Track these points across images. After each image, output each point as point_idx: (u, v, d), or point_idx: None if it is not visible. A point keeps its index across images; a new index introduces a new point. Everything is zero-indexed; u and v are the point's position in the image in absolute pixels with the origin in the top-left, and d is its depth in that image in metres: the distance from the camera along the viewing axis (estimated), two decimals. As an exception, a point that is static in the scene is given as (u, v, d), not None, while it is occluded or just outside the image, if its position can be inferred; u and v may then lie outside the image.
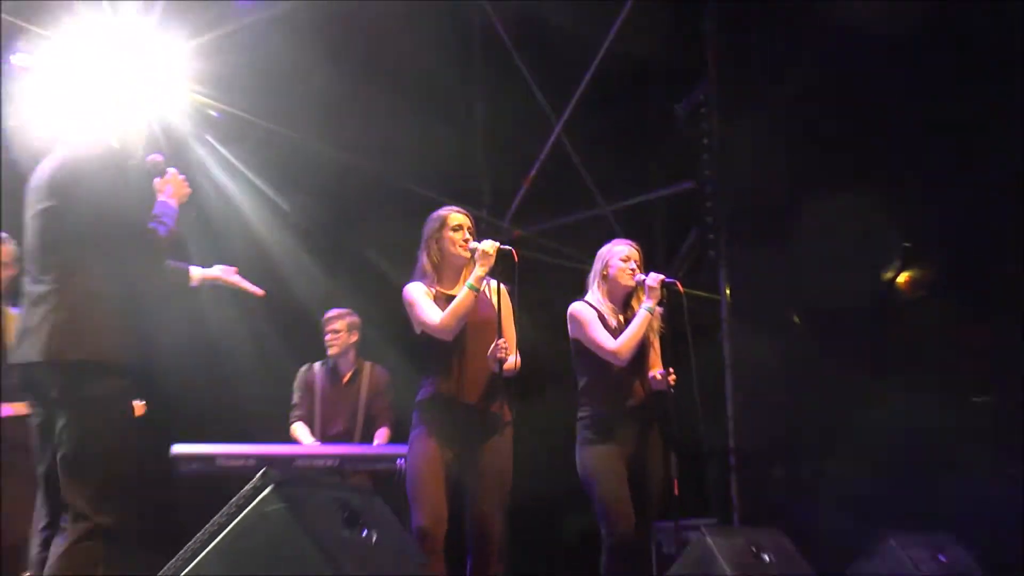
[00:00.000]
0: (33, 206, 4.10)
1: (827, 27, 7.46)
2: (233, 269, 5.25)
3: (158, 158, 4.45)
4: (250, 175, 8.57)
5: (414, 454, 5.22)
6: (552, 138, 8.94)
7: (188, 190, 4.46)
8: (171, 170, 4.41)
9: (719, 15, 8.38)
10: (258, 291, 5.74)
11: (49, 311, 3.94)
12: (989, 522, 5.94)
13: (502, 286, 5.28)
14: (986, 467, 6.67)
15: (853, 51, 7.37)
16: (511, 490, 5.25)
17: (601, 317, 5.57)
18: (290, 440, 6.94)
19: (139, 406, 5.94)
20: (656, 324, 5.59)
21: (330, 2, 8.17)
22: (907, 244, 7.86)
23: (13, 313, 5.95)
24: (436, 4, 8.80)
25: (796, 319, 8.08)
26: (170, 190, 4.36)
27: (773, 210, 8.06)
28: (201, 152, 8.47)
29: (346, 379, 7.09)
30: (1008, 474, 6.55)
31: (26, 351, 3.94)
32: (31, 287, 4.06)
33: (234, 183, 8.55)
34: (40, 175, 4.14)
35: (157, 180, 4.36)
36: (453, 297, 5.20)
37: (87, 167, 4.04)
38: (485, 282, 5.16)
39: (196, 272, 5.43)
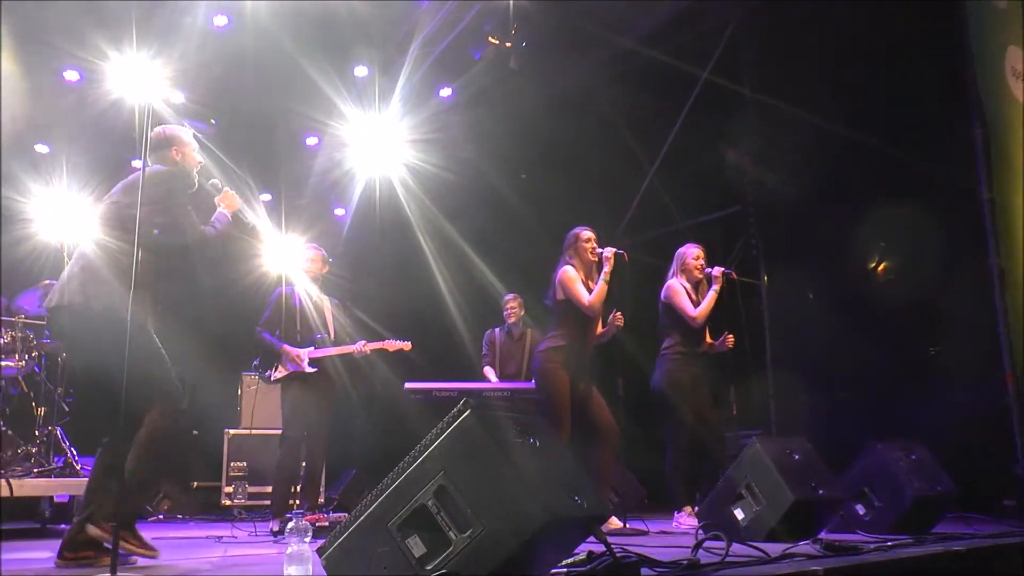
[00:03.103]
0: (106, 199, 3.83)
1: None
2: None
3: (216, 182, 4.10)
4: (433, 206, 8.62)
5: (552, 384, 5.22)
6: (647, 180, 8.84)
7: (237, 204, 4.07)
8: (226, 188, 4.09)
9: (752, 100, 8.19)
10: (405, 345, 5.80)
11: (76, 272, 3.62)
12: (940, 433, 5.71)
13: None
14: (940, 397, 6.41)
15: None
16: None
17: (688, 292, 5.58)
18: (481, 378, 6.98)
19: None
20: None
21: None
22: (882, 243, 7.57)
23: (328, 300, 6.01)
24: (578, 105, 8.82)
25: (810, 295, 7.84)
26: (224, 204, 4.05)
27: (793, 223, 7.85)
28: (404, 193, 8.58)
29: (517, 337, 7.10)
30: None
31: (52, 298, 3.63)
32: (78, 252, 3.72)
33: (433, 212, 8.63)
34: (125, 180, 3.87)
35: (217, 197, 4.07)
36: (584, 282, 5.25)
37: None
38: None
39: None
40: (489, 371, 7.01)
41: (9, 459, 5.48)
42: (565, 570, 2.69)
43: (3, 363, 5.77)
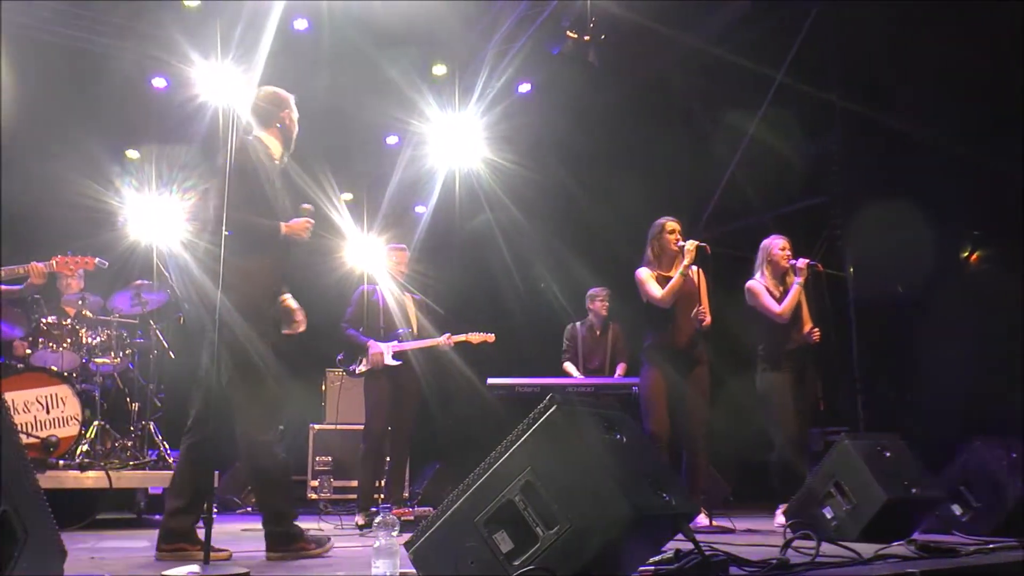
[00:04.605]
0: None
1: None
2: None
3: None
4: (512, 201, 8.60)
5: (645, 384, 5.22)
6: (728, 171, 8.70)
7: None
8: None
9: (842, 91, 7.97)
10: (488, 337, 5.80)
11: None
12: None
13: (700, 270, 5.24)
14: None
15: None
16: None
17: (768, 290, 5.47)
18: (563, 374, 6.97)
19: None
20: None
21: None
22: (976, 232, 7.30)
23: (410, 296, 6.07)
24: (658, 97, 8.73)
25: (899, 287, 7.59)
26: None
27: (880, 212, 7.62)
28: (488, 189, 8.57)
29: (599, 332, 7.08)
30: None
31: None
32: None
33: (512, 208, 8.61)
34: None
35: None
36: (668, 278, 5.23)
37: None
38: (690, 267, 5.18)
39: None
40: (570, 366, 6.99)
41: (107, 452, 5.69)
42: (653, 568, 2.66)
43: (100, 360, 5.99)
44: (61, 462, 5.35)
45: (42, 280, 5.07)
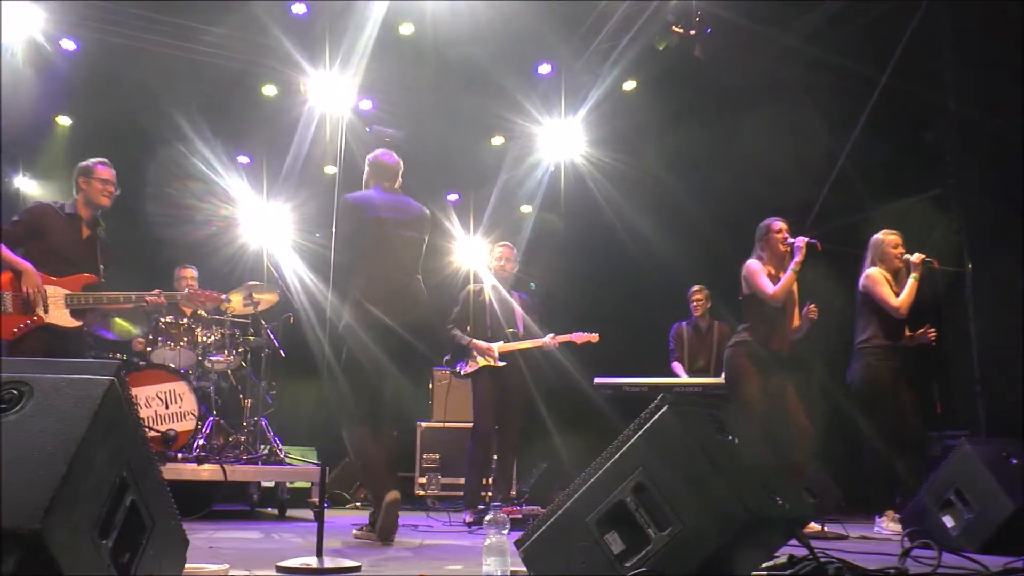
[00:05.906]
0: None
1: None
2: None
3: None
4: (618, 200, 8.52)
5: (742, 385, 5.13)
6: (838, 166, 8.42)
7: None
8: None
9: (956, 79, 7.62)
10: (593, 337, 5.77)
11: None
12: None
13: None
14: None
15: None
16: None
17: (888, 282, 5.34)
18: (670, 374, 6.90)
19: None
20: None
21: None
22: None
23: (517, 296, 6.08)
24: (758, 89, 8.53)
25: (1022, 283, 7.21)
26: None
27: (1001, 204, 7.25)
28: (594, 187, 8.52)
29: (704, 331, 6.98)
30: None
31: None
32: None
33: (619, 205, 8.53)
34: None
35: None
36: (774, 275, 5.13)
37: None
38: None
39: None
40: (677, 366, 6.92)
41: (221, 446, 5.89)
42: (766, 572, 2.61)
43: (214, 358, 6.21)
44: (179, 455, 5.57)
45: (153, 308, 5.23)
